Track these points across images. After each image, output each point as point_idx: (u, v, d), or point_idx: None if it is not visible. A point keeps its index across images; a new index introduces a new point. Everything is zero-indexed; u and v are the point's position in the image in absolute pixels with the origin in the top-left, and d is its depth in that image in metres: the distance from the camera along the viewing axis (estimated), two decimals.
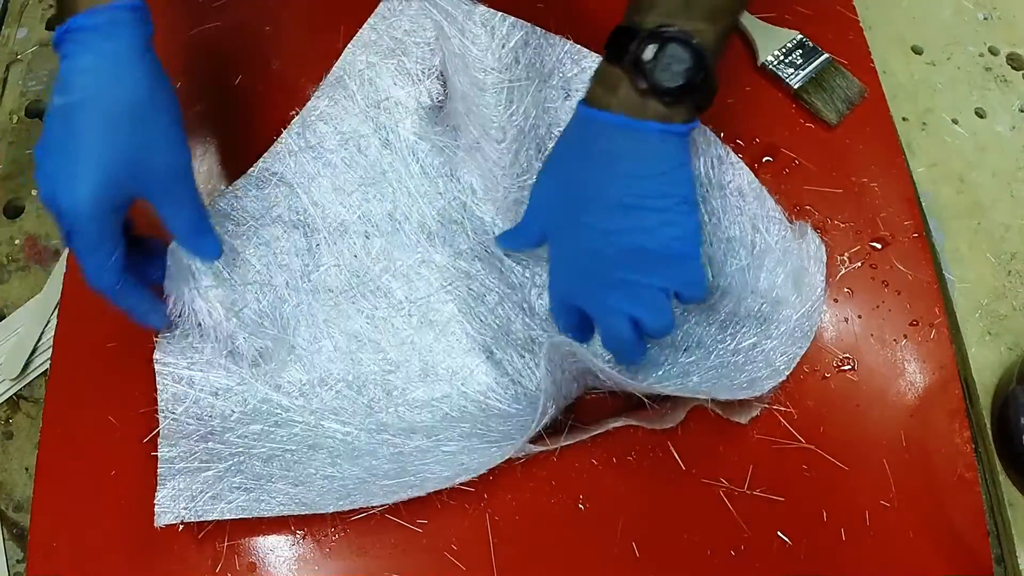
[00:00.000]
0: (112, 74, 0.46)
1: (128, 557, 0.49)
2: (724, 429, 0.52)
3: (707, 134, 0.58)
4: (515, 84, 0.59)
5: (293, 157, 0.60)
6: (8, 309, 0.63)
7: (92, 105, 0.46)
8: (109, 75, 0.46)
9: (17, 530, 0.56)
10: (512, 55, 0.59)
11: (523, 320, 0.56)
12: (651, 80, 0.47)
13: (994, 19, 0.75)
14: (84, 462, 0.51)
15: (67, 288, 0.57)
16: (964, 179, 0.67)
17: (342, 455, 0.51)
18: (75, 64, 0.46)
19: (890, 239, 0.59)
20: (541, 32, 0.59)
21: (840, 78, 0.63)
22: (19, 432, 0.59)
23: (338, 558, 0.49)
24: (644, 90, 0.47)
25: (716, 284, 0.57)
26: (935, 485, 0.52)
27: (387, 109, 0.61)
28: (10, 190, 0.67)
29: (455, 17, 0.59)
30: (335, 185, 0.59)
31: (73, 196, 0.45)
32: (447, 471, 0.49)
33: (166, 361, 0.53)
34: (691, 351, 0.54)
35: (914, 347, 0.56)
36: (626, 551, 0.50)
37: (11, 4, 0.76)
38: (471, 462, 0.50)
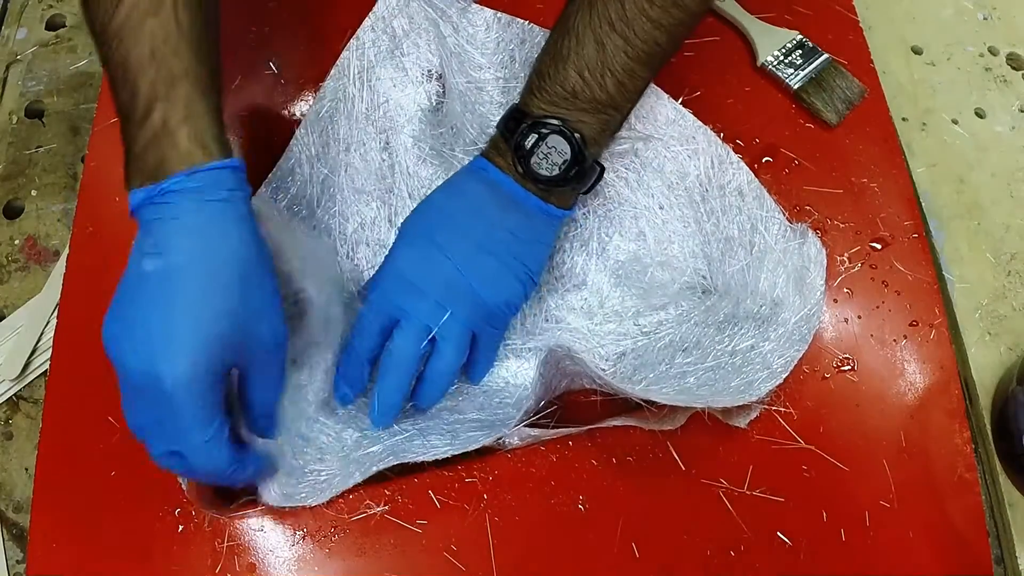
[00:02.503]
0: (220, 237, 0.43)
1: (128, 557, 0.49)
2: (724, 430, 0.52)
3: (708, 133, 0.58)
4: (512, 83, 0.59)
5: (308, 165, 0.59)
6: (8, 309, 0.63)
7: (199, 268, 0.42)
8: (217, 238, 0.43)
9: (17, 530, 0.56)
10: (508, 53, 0.59)
11: (518, 322, 0.56)
12: (527, 167, 0.50)
13: (994, 19, 0.75)
14: (84, 462, 0.51)
15: (67, 288, 0.57)
16: (964, 179, 0.67)
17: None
18: (176, 226, 0.42)
19: (890, 239, 0.59)
20: (539, 31, 0.60)
21: (840, 78, 0.63)
22: (19, 432, 0.59)
23: (338, 558, 0.49)
24: (522, 173, 0.50)
25: (715, 284, 0.57)
26: (935, 485, 0.52)
27: (386, 113, 0.61)
28: (10, 190, 0.67)
29: (450, 16, 0.59)
30: (339, 191, 0.59)
31: (178, 365, 0.40)
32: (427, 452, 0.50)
33: None
34: (688, 351, 0.54)
35: (914, 347, 0.56)
36: (626, 551, 0.50)
37: (11, 4, 0.76)
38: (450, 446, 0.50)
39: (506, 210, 0.51)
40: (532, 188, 0.51)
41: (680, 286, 0.57)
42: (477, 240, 0.51)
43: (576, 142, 0.49)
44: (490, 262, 0.51)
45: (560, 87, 0.50)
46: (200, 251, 0.42)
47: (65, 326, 0.55)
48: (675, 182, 0.58)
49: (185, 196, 0.42)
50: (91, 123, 0.61)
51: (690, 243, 0.58)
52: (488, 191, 0.51)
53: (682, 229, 0.58)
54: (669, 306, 0.56)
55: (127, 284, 0.43)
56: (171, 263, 0.42)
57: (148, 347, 0.41)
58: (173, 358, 0.40)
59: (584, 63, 0.49)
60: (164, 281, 0.42)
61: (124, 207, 0.58)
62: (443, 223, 0.51)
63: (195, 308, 0.41)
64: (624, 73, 0.49)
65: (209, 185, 0.43)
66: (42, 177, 0.68)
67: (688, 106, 0.59)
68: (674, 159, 0.58)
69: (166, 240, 0.42)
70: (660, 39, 0.49)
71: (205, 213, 0.43)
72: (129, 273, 0.43)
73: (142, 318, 0.41)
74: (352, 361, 0.52)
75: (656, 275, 0.57)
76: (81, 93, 0.72)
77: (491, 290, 0.50)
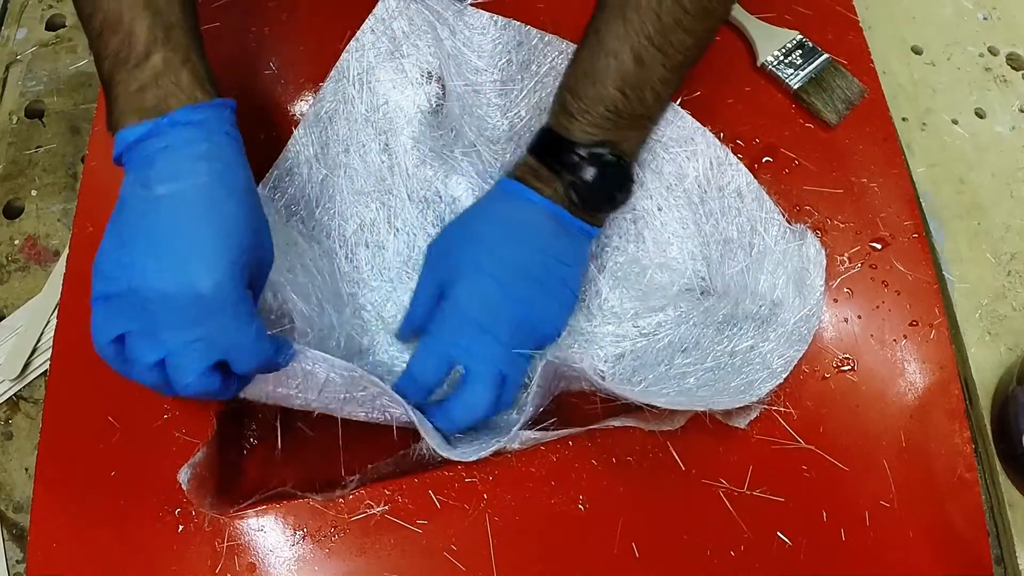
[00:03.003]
0: (231, 163, 0.45)
1: (128, 557, 0.49)
2: (724, 430, 0.52)
3: (707, 135, 0.58)
4: (509, 86, 0.59)
5: (307, 165, 0.59)
6: (8, 309, 0.63)
7: (219, 187, 0.44)
8: (229, 163, 0.45)
9: (17, 530, 0.56)
10: (504, 56, 0.59)
11: None
12: (586, 198, 0.51)
13: (994, 19, 0.75)
14: (84, 462, 0.51)
15: (67, 288, 0.57)
16: (964, 179, 0.67)
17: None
18: (190, 151, 0.44)
19: (890, 239, 0.59)
20: (537, 33, 0.59)
21: (840, 78, 0.63)
22: (19, 432, 0.59)
23: (338, 558, 0.49)
24: (576, 204, 0.51)
25: (714, 286, 0.57)
26: (935, 485, 0.52)
27: (386, 114, 0.60)
28: (10, 190, 0.67)
29: (446, 18, 0.59)
30: (338, 192, 0.59)
31: (218, 272, 0.42)
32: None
33: None
34: (688, 352, 0.54)
35: (914, 347, 0.56)
36: (626, 551, 0.50)
37: (11, 4, 0.76)
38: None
39: (551, 236, 0.51)
40: (577, 212, 0.51)
41: (679, 288, 0.57)
42: (533, 274, 0.51)
43: (628, 167, 0.50)
44: (544, 296, 0.52)
45: (602, 107, 0.49)
46: (218, 173, 0.44)
47: (65, 326, 0.55)
48: (674, 184, 0.58)
49: (193, 127, 0.44)
50: (91, 123, 0.61)
51: (689, 245, 0.58)
52: (534, 217, 0.51)
53: (681, 231, 0.58)
54: (668, 307, 0.56)
55: (132, 213, 0.43)
56: (190, 184, 0.43)
57: (181, 263, 0.42)
58: (213, 268, 0.42)
59: (623, 79, 0.49)
60: (184, 202, 0.43)
61: None
62: (497, 257, 0.51)
63: (225, 221, 0.43)
64: (662, 84, 0.50)
65: (213, 119, 0.45)
66: (42, 177, 0.68)
67: (688, 106, 0.59)
68: (673, 161, 0.58)
69: (179, 165, 0.43)
70: (692, 47, 0.50)
71: (214, 142, 0.45)
72: (131, 203, 0.44)
73: (166, 239, 0.42)
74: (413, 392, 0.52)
75: (655, 277, 0.57)
76: (81, 93, 0.72)
77: (550, 325, 0.52)
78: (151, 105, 0.44)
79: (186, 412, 0.52)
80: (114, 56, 0.45)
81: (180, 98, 0.45)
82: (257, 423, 0.55)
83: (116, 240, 0.43)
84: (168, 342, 0.42)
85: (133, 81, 0.44)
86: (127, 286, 0.42)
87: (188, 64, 0.45)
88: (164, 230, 0.43)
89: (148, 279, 0.42)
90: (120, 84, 0.45)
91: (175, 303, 0.42)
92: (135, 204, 0.44)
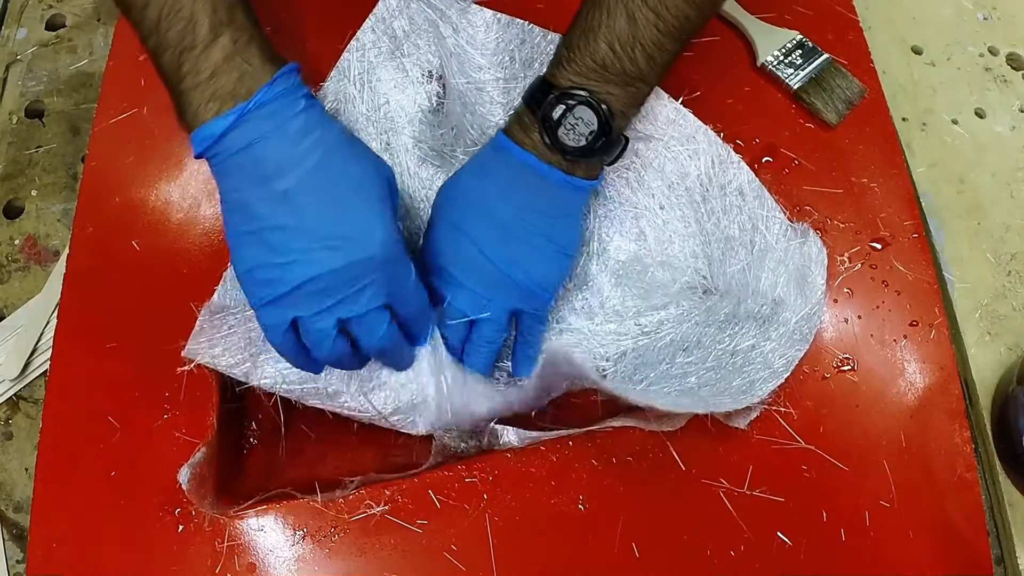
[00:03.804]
0: (325, 124, 0.46)
1: (128, 557, 0.49)
2: (724, 430, 0.52)
3: (709, 133, 0.58)
4: (512, 83, 0.59)
5: None
6: (8, 309, 0.63)
7: (332, 159, 0.45)
8: (324, 126, 0.46)
9: (17, 530, 0.56)
10: (508, 53, 0.59)
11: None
12: (554, 138, 0.50)
13: (994, 19, 0.75)
14: (84, 462, 0.51)
15: (67, 288, 0.57)
16: (964, 179, 0.67)
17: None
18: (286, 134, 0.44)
19: (890, 239, 0.59)
20: (539, 31, 0.59)
21: (840, 78, 0.63)
22: (19, 432, 0.59)
23: (338, 558, 0.49)
24: (549, 144, 0.50)
25: (716, 284, 0.57)
26: (935, 485, 0.52)
27: (387, 114, 0.60)
28: (10, 190, 0.67)
29: (449, 16, 0.59)
30: None
31: (377, 235, 0.45)
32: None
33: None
34: (689, 351, 0.54)
35: (914, 347, 0.56)
36: (626, 551, 0.50)
37: (11, 4, 0.76)
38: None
39: (531, 189, 0.51)
40: (557, 161, 0.51)
41: (681, 286, 0.57)
42: (505, 224, 0.51)
43: (603, 113, 0.49)
44: (520, 245, 0.51)
45: (590, 59, 0.50)
46: (326, 142, 0.46)
47: (65, 326, 0.55)
48: (676, 182, 0.58)
49: (278, 102, 0.44)
50: (91, 123, 0.61)
51: (691, 243, 0.58)
52: (512, 171, 0.52)
53: (683, 229, 0.58)
54: (670, 306, 0.56)
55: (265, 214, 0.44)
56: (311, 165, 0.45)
57: (343, 236, 0.44)
58: (372, 227, 0.45)
59: (615, 36, 0.49)
60: (314, 185, 0.44)
61: (124, 207, 0.58)
62: (471, 209, 0.52)
63: (359, 183, 0.46)
64: (654, 47, 0.50)
65: (292, 87, 0.45)
66: (42, 177, 0.68)
67: (688, 106, 0.59)
68: (674, 159, 0.58)
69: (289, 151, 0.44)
70: (690, 14, 0.49)
71: (303, 111, 0.45)
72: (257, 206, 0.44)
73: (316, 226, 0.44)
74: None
75: (657, 275, 0.57)
76: (81, 93, 0.72)
77: (523, 272, 0.51)
78: (227, 90, 0.44)
79: (186, 412, 0.52)
80: (177, 44, 0.44)
81: (258, 78, 0.44)
82: (257, 423, 0.55)
83: (260, 247, 0.44)
84: (349, 311, 0.45)
85: (204, 67, 0.44)
86: (297, 282, 0.44)
87: (255, 41, 0.45)
88: (312, 219, 0.44)
89: (318, 265, 0.44)
90: (189, 73, 0.44)
91: (350, 274, 0.45)
92: (264, 206, 0.44)
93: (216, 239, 0.57)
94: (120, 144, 0.60)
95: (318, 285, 0.45)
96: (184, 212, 0.58)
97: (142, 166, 0.60)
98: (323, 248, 0.44)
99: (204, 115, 0.44)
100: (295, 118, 0.45)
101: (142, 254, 0.57)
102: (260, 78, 0.44)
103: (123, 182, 0.59)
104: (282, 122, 0.44)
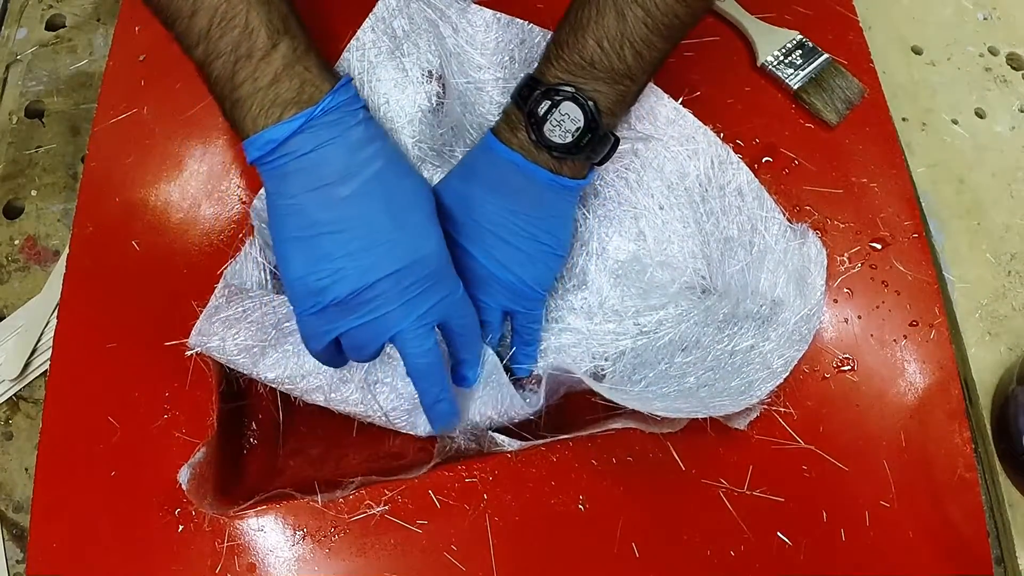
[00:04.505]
0: (383, 137, 0.47)
1: (128, 557, 0.49)
2: (724, 430, 0.52)
3: (708, 133, 0.58)
4: (511, 83, 0.59)
5: None
6: (8, 309, 0.63)
7: (390, 170, 0.46)
8: (382, 138, 0.46)
9: (17, 530, 0.56)
10: (507, 54, 0.59)
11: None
12: (540, 134, 0.50)
13: (994, 19, 0.75)
14: (84, 462, 0.51)
15: (67, 288, 0.57)
16: (964, 179, 0.67)
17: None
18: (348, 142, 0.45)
19: (890, 239, 0.59)
20: (539, 30, 0.59)
21: (840, 78, 0.63)
22: (19, 432, 0.59)
23: (338, 558, 0.49)
24: (535, 141, 0.50)
25: (714, 284, 0.57)
26: (935, 485, 0.52)
27: (387, 113, 0.60)
28: (10, 190, 0.67)
29: (449, 16, 0.59)
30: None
31: (431, 245, 0.46)
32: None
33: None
34: (688, 351, 0.54)
35: (914, 347, 0.56)
36: (626, 551, 0.50)
37: (11, 4, 0.76)
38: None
39: (518, 190, 0.51)
40: (544, 159, 0.51)
41: (680, 286, 0.57)
42: (492, 226, 0.51)
43: (590, 109, 0.49)
44: (507, 247, 0.51)
45: (578, 56, 0.49)
46: (386, 154, 0.46)
47: (65, 326, 0.55)
48: (675, 182, 0.58)
49: (341, 111, 0.45)
50: (91, 123, 0.61)
51: (690, 243, 0.58)
52: (498, 172, 0.51)
53: (682, 229, 0.58)
54: (668, 305, 0.56)
55: (323, 219, 0.44)
56: (371, 174, 0.45)
57: (400, 246, 0.45)
58: (427, 241, 0.46)
59: (603, 32, 0.49)
60: (375, 193, 0.45)
61: (124, 207, 0.58)
62: (459, 211, 0.52)
63: (416, 195, 0.47)
64: (643, 44, 0.49)
65: (353, 99, 0.46)
66: (42, 177, 0.68)
67: (688, 106, 0.59)
68: (674, 159, 0.58)
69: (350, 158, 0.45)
70: (680, 12, 0.49)
71: (363, 123, 0.46)
72: (314, 210, 0.44)
73: (376, 232, 0.45)
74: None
75: (656, 275, 0.57)
76: (81, 93, 0.72)
77: (511, 273, 0.51)
78: (289, 96, 0.44)
79: (186, 412, 0.52)
80: (233, 52, 0.44)
81: (319, 85, 0.44)
82: (257, 423, 0.55)
83: (313, 252, 0.44)
84: (400, 321, 0.45)
85: (263, 75, 0.44)
86: (352, 289, 0.44)
87: (312, 51, 0.45)
88: (370, 225, 0.45)
89: (373, 273, 0.44)
90: (247, 81, 0.44)
91: (404, 283, 0.45)
92: (321, 212, 0.44)
93: (216, 239, 0.57)
94: (120, 144, 0.60)
95: (372, 293, 0.45)
96: (184, 212, 0.58)
97: (142, 166, 0.60)
98: (379, 255, 0.44)
99: (265, 121, 0.44)
100: (357, 126, 0.45)
101: (142, 254, 0.57)
102: (321, 86, 0.44)
103: (123, 182, 0.59)
104: (345, 130, 0.44)
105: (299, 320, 0.46)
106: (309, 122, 0.43)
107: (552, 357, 0.56)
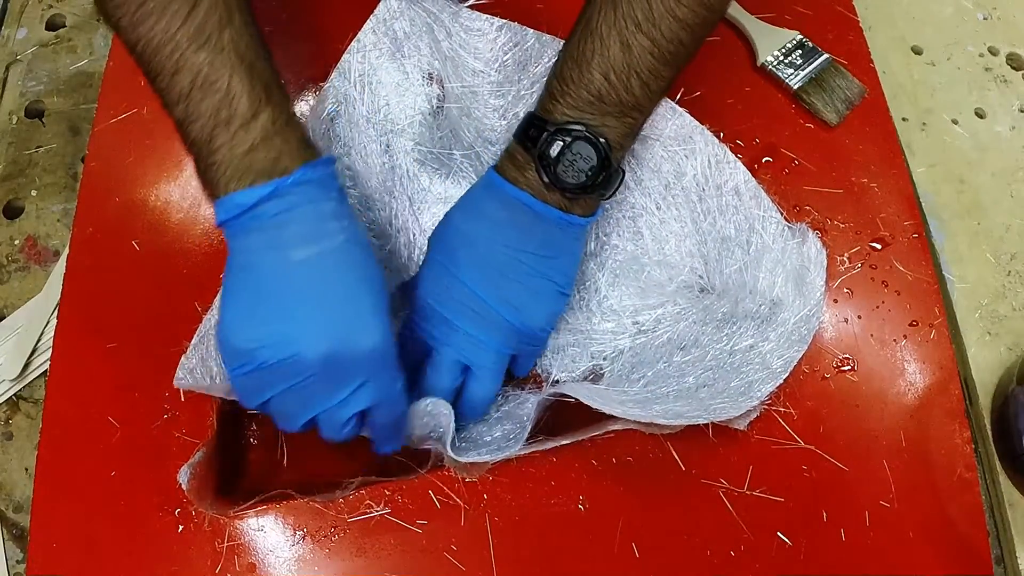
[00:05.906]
0: (352, 217, 0.45)
1: (128, 557, 0.49)
2: (724, 430, 0.52)
3: (705, 133, 0.58)
4: (506, 87, 0.59)
5: None
6: (8, 309, 0.63)
7: (353, 248, 0.44)
8: (350, 218, 0.45)
9: (17, 530, 0.56)
10: (502, 57, 0.59)
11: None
12: (554, 176, 0.49)
13: (994, 19, 0.75)
14: (84, 462, 0.51)
15: (67, 288, 0.57)
16: (964, 179, 0.67)
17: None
18: (315, 212, 0.43)
19: (890, 239, 0.59)
20: (533, 33, 0.59)
21: (840, 78, 0.63)
22: (19, 432, 0.59)
23: (338, 558, 0.49)
24: (547, 183, 0.49)
25: (712, 284, 0.57)
26: (935, 485, 0.52)
27: (387, 115, 0.60)
28: (10, 190, 0.67)
29: (442, 20, 0.59)
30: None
31: (377, 332, 0.43)
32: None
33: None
34: (687, 350, 0.54)
35: (914, 347, 0.56)
36: (626, 551, 0.50)
37: (11, 4, 0.76)
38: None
39: (527, 229, 0.50)
40: (554, 199, 0.50)
41: (677, 285, 0.57)
42: (499, 266, 0.50)
43: (602, 147, 0.48)
44: (516, 287, 0.50)
45: (585, 91, 0.48)
46: (350, 232, 0.45)
47: (65, 326, 0.55)
48: (672, 182, 0.58)
49: (314, 186, 0.44)
50: (91, 123, 0.61)
51: (687, 242, 0.58)
52: (505, 210, 0.50)
53: (679, 229, 0.58)
54: (667, 304, 0.56)
55: (270, 281, 0.43)
56: (329, 247, 0.44)
57: (340, 326, 0.43)
58: (374, 328, 0.43)
59: (609, 65, 0.48)
60: (328, 266, 0.43)
61: (124, 207, 0.58)
62: (463, 250, 0.51)
63: (371, 280, 0.44)
64: (649, 74, 0.48)
65: (329, 175, 0.45)
66: (42, 177, 0.68)
67: (688, 106, 0.59)
68: (671, 159, 0.58)
69: (313, 227, 0.43)
70: (685, 39, 0.48)
71: (335, 199, 0.45)
72: (264, 270, 0.43)
73: (320, 304, 0.43)
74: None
75: (653, 274, 0.58)
76: (81, 93, 0.72)
77: (520, 315, 0.50)
78: (263, 166, 0.43)
79: (186, 412, 0.52)
80: (212, 117, 0.43)
81: (294, 157, 0.44)
82: (257, 423, 0.55)
83: (253, 312, 0.43)
84: (324, 401, 0.44)
85: (240, 142, 0.43)
86: (280, 357, 0.42)
87: (292, 123, 0.44)
88: (316, 295, 0.43)
89: (305, 346, 0.42)
90: (223, 147, 0.43)
91: (335, 366, 0.43)
92: (271, 272, 0.43)
93: (216, 239, 0.57)
94: (120, 144, 0.60)
95: (299, 368, 0.43)
96: (184, 212, 0.58)
97: (142, 166, 0.60)
98: (315, 330, 0.43)
99: (236, 185, 0.43)
100: (328, 201, 0.44)
101: (142, 254, 0.57)
102: (297, 159, 0.44)
103: (123, 182, 0.59)
104: (315, 201, 0.44)
105: (232, 382, 0.45)
106: (279, 189, 0.42)
107: (550, 357, 0.56)
